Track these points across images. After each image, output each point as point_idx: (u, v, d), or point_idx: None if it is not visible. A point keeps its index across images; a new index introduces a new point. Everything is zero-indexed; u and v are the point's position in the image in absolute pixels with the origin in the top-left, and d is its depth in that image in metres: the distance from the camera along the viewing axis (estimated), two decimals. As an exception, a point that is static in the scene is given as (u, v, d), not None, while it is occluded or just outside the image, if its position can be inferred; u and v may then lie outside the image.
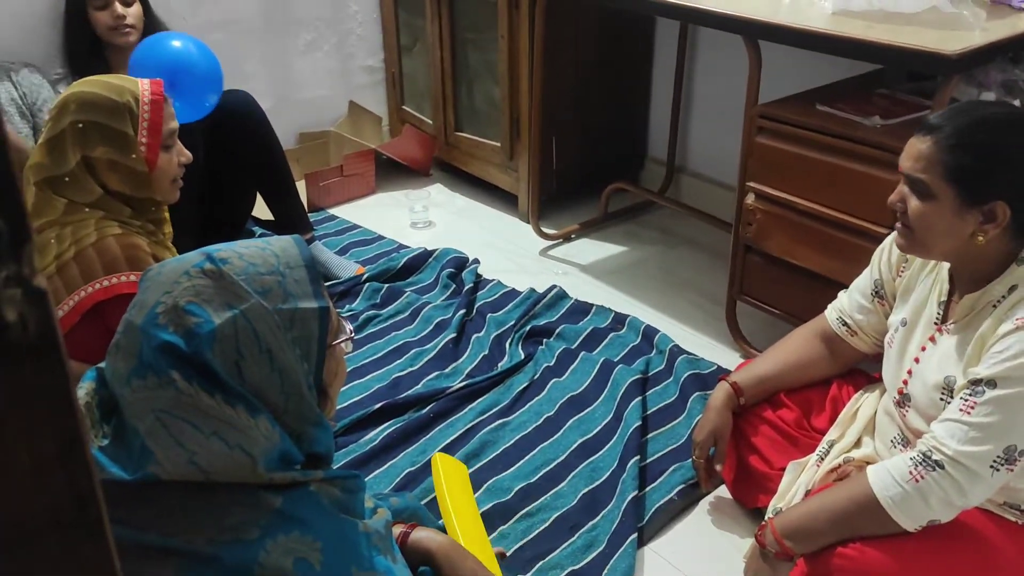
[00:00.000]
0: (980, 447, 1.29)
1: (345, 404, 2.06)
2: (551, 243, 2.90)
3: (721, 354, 2.28)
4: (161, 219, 1.76)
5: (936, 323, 1.49)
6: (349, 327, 1.04)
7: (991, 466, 1.29)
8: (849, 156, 1.87)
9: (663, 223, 3.01)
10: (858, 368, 1.78)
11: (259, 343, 0.90)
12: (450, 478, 1.56)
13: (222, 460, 0.88)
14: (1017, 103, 1.87)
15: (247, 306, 0.90)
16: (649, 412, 2.05)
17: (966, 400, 1.33)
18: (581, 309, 2.48)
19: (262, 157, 2.56)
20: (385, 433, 1.95)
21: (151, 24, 2.59)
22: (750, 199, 2.09)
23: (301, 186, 3.05)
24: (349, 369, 2.20)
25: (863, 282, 1.69)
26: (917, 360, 1.51)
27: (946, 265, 1.49)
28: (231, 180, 2.62)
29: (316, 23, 3.28)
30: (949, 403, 1.38)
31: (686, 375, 2.14)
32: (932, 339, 1.49)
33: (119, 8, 2.45)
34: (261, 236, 2.85)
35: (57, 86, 2.56)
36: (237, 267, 0.92)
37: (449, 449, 1.93)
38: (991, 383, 1.30)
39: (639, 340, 2.33)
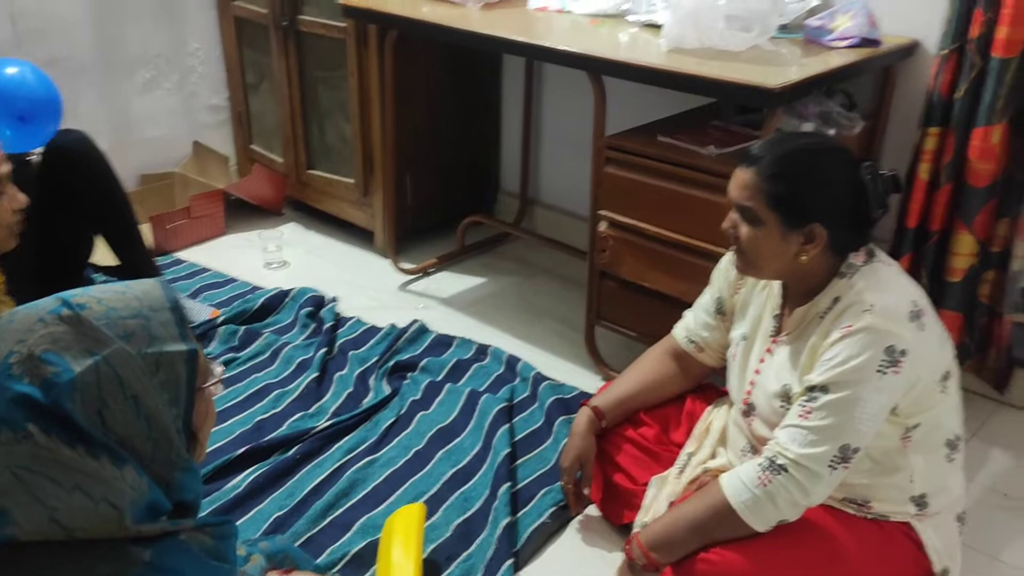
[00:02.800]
0: (818, 448, 1.40)
1: (207, 451, 1.99)
2: (410, 278, 2.91)
3: (582, 378, 2.35)
4: None
5: (772, 336, 1.61)
6: (219, 369, 1.02)
7: (829, 465, 1.40)
8: (689, 183, 1.99)
9: (519, 254, 3.08)
10: (708, 382, 1.88)
11: (124, 389, 0.87)
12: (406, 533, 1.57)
13: (86, 515, 0.84)
14: (832, 132, 2.05)
15: (109, 352, 0.87)
16: (517, 439, 2.08)
17: (803, 406, 1.44)
18: (444, 342, 2.50)
19: (101, 199, 2.44)
20: (250, 478, 1.90)
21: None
22: (602, 227, 2.18)
23: (146, 229, 2.94)
24: (207, 416, 2.14)
25: (705, 300, 1.79)
26: (758, 371, 1.62)
27: (778, 281, 1.61)
28: (65, 225, 2.48)
29: (155, 60, 3.18)
30: (789, 409, 1.49)
31: (550, 400, 2.19)
32: (769, 351, 1.60)
33: None
34: (104, 283, 2.72)
35: None
36: (96, 312, 0.89)
37: (319, 489, 1.90)
38: (824, 388, 1.42)
39: (503, 369, 2.37)
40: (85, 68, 3.01)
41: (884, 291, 1.44)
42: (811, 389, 1.43)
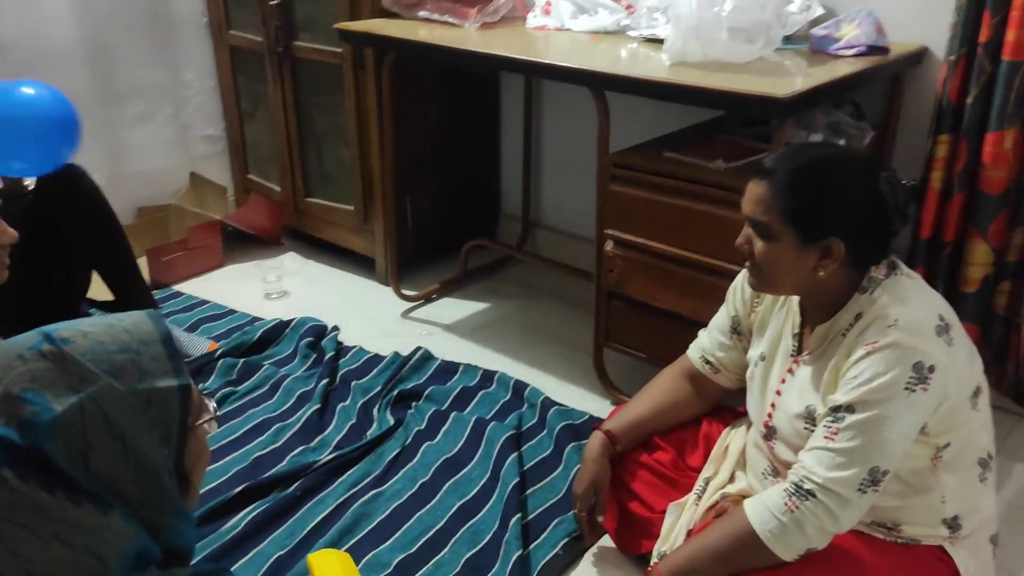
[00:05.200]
0: (847, 472, 1.33)
1: (201, 491, 1.91)
2: (412, 304, 2.85)
3: (592, 403, 2.28)
4: None
5: (792, 355, 1.54)
6: (212, 405, 0.95)
7: (859, 489, 1.33)
8: (698, 198, 1.94)
9: (523, 277, 3.02)
10: (725, 404, 1.82)
11: (110, 429, 0.80)
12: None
13: (66, 568, 0.78)
14: (842, 142, 2.00)
15: (95, 388, 0.81)
16: (526, 467, 2.01)
17: (828, 427, 1.37)
18: (448, 369, 2.43)
19: (94, 232, 2.39)
20: (248, 519, 1.83)
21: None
22: (609, 246, 2.12)
23: (142, 262, 2.88)
24: (206, 452, 2.07)
25: (721, 319, 1.73)
26: (778, 392, 1.56)
27: (796, 298, 1.55)
28: (58, 259, 2.43)
29: (149, 92, 3.15)
30: (813, 431, 1.42)
31: (560, 427, 2.12)
32: (790, 371, 1.54)
33: None
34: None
35: None
36: (81, 346, 0.83)
37: (321, 527, 1.82)
38: (850, 408, 1.35)
39: (510, 396, 2.30)
40: (78, 100, 2.93)
41: (909, 305, 1.38)
42: (836, 409, 1.37)
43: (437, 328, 2.71)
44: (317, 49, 2.82)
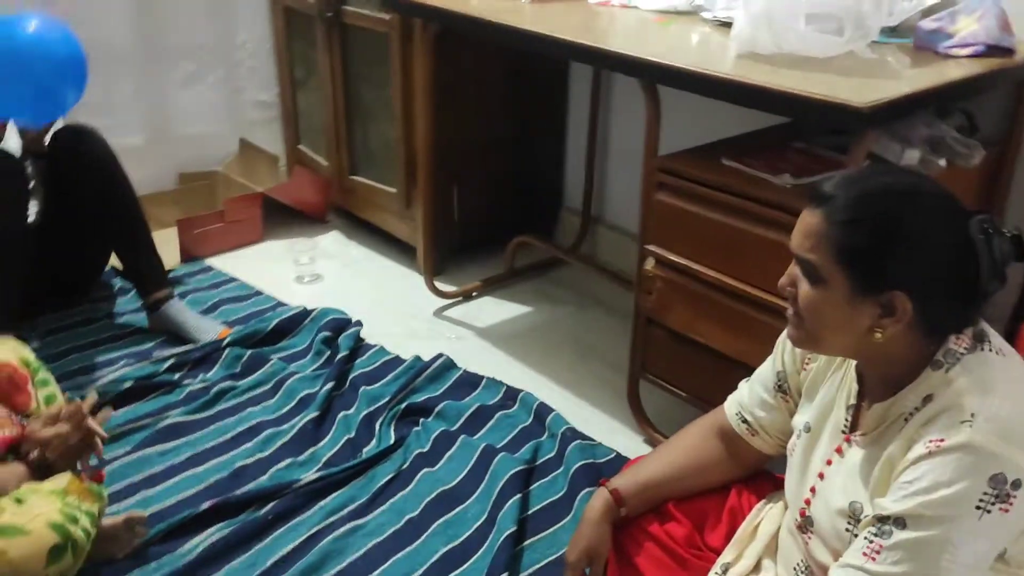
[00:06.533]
0: None
1: (172, 502, 1.74)
2: (448, 302, 2.61)
3: (622, 438, 2.00)
4: None
5: (844, 431, 1.22)
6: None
7: (897, 629, 1.02)
8: (755, 219, 1.62)
9: (575, 280, 2.73)
10: (765, 469, 1.51)
11: None
12: None
13: None
14: (942, 162, 1.63)
15: None
16: (531, 511, 1.76)
17: (871, 541, 1.06)
18: (469, 382, 2.18)
19: (105, 200, 2.25)
20: (208, 542, 1.63)
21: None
22: (649, 264, 1.82)
23: (171, 233, 2.74)
24: (186, 455, 1.89)
25: (765, 373, 1.42)
26: (821, 476, 1.24)
27: (854, 362, 1.23)
28: (73, 227, 2.31)
29: (199, 52, 2.99)
30: (855, 536, 1.11)
31: (578, 466, 1.85)
32: (839, 450, 1.22)
33: None
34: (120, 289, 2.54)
35: None
36: None
37: (285, 561, 1.62)
38: (900, 522, 1.04)
39: (530, 421, 2.04)
40: (122, 57, 2.84)
41: (995, 394, 1.04)
42: (882, 520, 1.05)
43: (469, 331, 2.47)
44: (366, 15, 2.59)
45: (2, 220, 2.12)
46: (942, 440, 1.02)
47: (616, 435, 2.01)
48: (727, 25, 1.90)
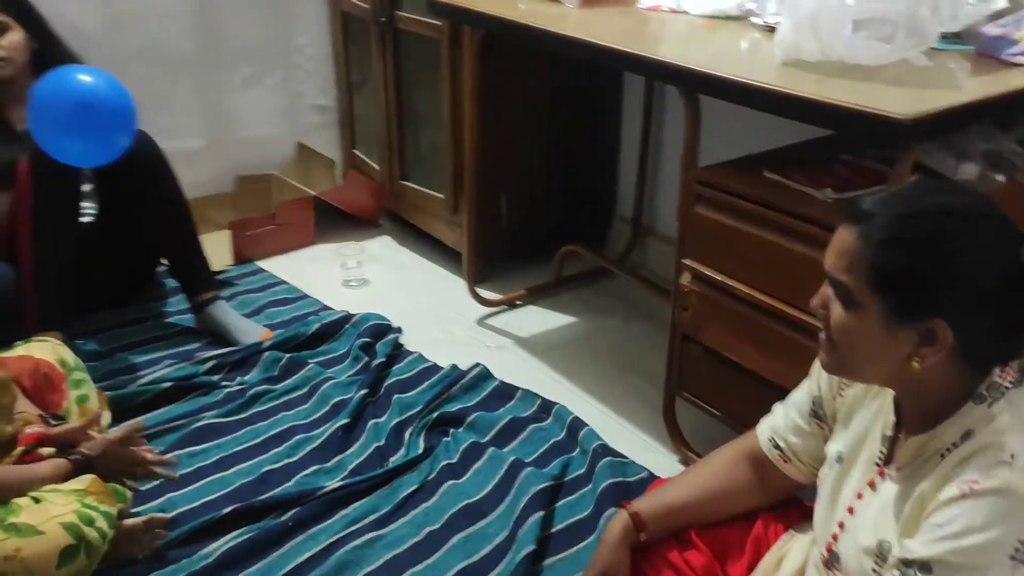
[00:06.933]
0: None
1: (196, 504, 1.75)
2: (493, 310, 2.58)
3: (656, 456, 1.93)
4: None
5: (878, 464, 1.14)
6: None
7: None
8: (794, 235, 1.54)
9: (624, 291, 2.67)
10: (795, 496, 1.43)
11: None
12: None
13: None
14: (1001, 178, 1.53)
15: None
16: (556, 528, 1.71)
17: (895, 586, 0.98)
18: (504, 393, 2.14)
19: (156, 203, 2.29)
20: (227, 546, 1.63)
21: (51, 55, 2.34)
22: (686, 279, 1.76)
23: (225, 235, 2.78)
24: (216, 457, 1.90)
25: (800, 397, 1.34)
26: (851, 510, 1.17)
27: (891, 391, 1.15)
28: (126, 231, 2.36)
29: (258, 55, 3.02)
30: (884, 578, 1.03)
31: (606, 484, 1.79)
32: (871, 484, 1.14)
33: None
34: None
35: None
36: None
37: (302, 569, 1.60)
38: (925, 567, 0.96)
39: (563, 435, 1.99)
40: (182, 60, 2.89)
41: (1040, 434, 0.96)
42: (907, 564, 0.98)
43: (510, 340, 2.43)
44: (418, 20, 2.58)
45: (56, 220, 2.17)
46: (977, 481, 0.94)
47: (650, 453, 1.94)
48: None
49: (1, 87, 2.25)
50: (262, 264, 2.83)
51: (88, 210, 2.33)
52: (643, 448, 1.96)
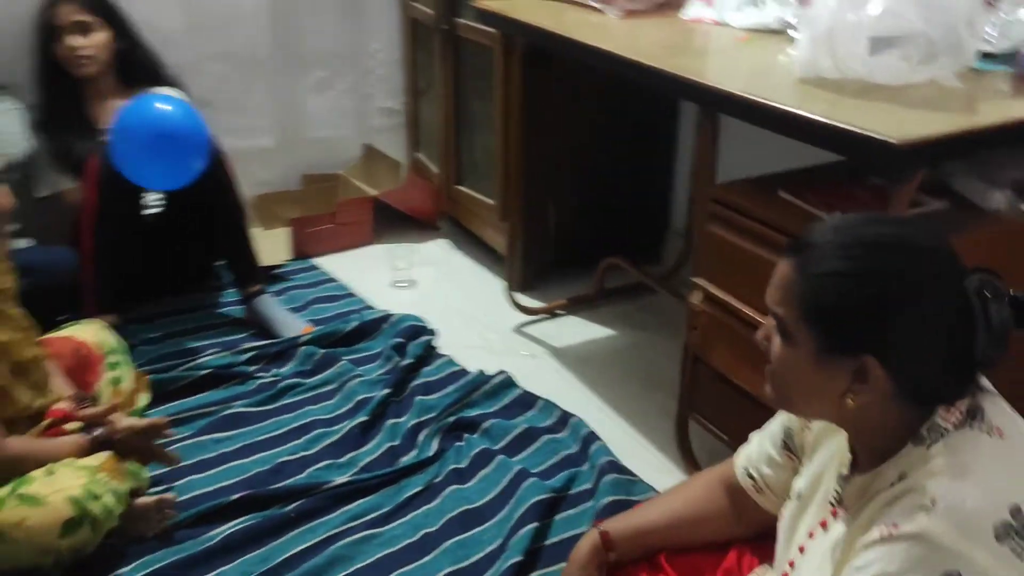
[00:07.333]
0: None
1: (211, 488, 1.83)
2: (532, 318, 2.59)
3: (667, 478, 1.89)
4: None
5: (832, 503, 1.10)
6: None
7: None
8: (799, 260, 1.49)
9: (664, 307, 2.62)
10: (772, 530, 1.38)
11: None
12: None
13: None
14: None
15: None
16: (549, 541, 1.70)
17: (813, 632, 0.94)
18: (525, 402, 2.15)
19: (211, 197, 2.39)
20: (230, 531, 1.70)
21: (132, 55, 2.49)
22: (697, 298, 1.72)
23: (283, 233, 2.89)
24: (239, 444, 1.98)
25: (775, 428, 1.30)
26: (802, 549, 1.13)
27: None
28: (186, 224, 2.49)
29: (332, 60, 3.12)
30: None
31: (608, 501, 1.77)
32: (823, 524, 1.10)
33: (72, 39, 2.35)
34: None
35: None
36: None
37: (296, 560, 1.65)
38: None
39: (576, 449, 1.97)
40: (258, 63, 3.00)
41: (968, 480, 0.91)
42: (829, 606, 0.94)
43: (543, 350, 2.43)
44: (474, 28, 2.61)
45: (118, 209, 2.31)
46: (896, 525, 0.90)
47: (661, 473, 1.91)
48: (812, 46, 1.76)
49: (86, 84, 2.40)
50: (317, 261, 2.91)
51: (157, 203, 2.46)
52: (655, 468, 1.93)
